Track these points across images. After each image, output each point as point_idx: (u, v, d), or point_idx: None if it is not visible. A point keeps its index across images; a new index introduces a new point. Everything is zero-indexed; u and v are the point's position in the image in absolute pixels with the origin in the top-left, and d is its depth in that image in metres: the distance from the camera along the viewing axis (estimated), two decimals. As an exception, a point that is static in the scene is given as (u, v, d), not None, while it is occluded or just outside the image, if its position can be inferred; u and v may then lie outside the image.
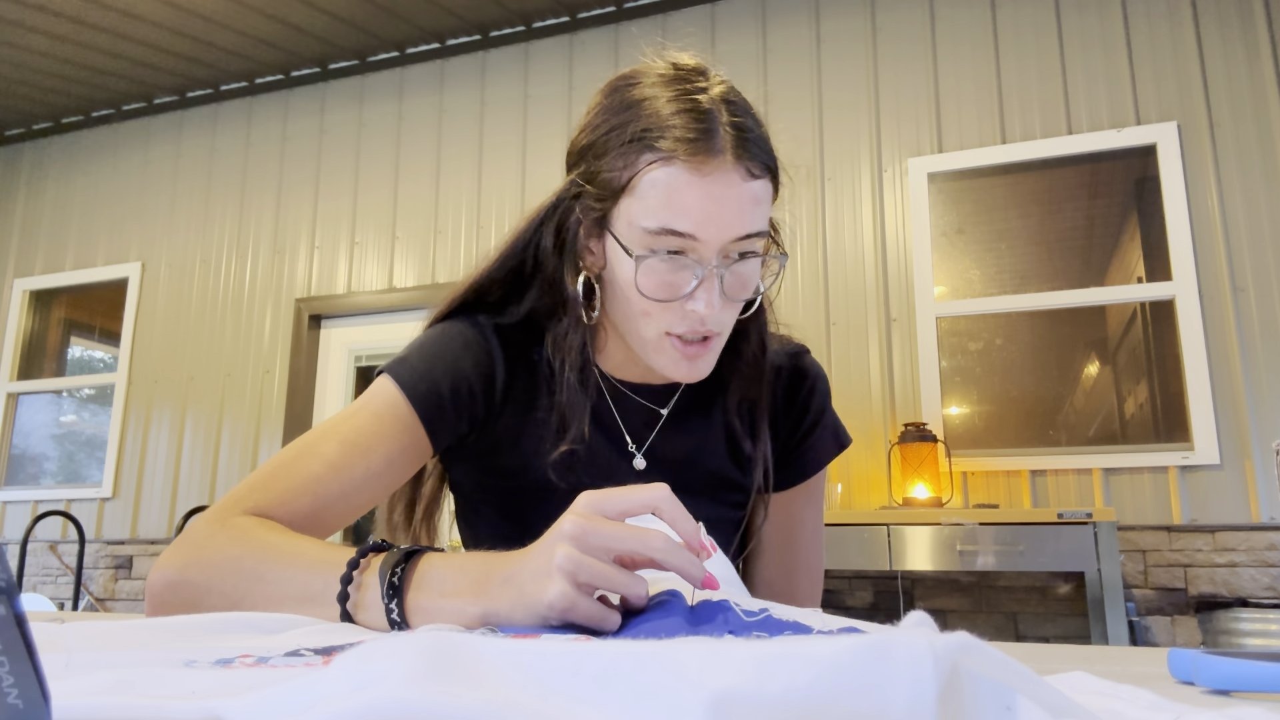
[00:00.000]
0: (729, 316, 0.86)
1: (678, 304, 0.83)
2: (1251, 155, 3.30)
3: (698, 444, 0.98)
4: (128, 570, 4.63)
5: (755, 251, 0.84)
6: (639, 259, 0.82)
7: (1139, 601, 3.09)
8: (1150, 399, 3.36)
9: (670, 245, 0.81)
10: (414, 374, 0.90)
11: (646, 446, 0.96)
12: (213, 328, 4.76)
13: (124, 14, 4.27)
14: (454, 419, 0.90)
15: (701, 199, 0.80)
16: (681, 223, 0.80)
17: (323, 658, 0.43)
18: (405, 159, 4.58)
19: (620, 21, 4.30)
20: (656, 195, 0.81)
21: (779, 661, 0.28)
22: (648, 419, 0.97)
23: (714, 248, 0.81)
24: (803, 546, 1.03)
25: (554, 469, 0.92)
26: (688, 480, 0.95)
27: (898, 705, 0.27)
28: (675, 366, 0.87)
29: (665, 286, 0.83)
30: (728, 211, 0.80)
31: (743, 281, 0.85)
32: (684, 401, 0.98)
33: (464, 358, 0.92)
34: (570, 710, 0.27)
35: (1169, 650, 0.47)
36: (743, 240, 0.82)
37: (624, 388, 0.97)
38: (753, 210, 0.82)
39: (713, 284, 0.82)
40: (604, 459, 0.94)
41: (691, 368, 0.87)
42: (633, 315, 0.87)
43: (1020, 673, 0.31)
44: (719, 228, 0.80)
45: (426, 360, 0.92)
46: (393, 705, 0.25)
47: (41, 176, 5.45)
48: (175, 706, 0.30)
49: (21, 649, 0.26)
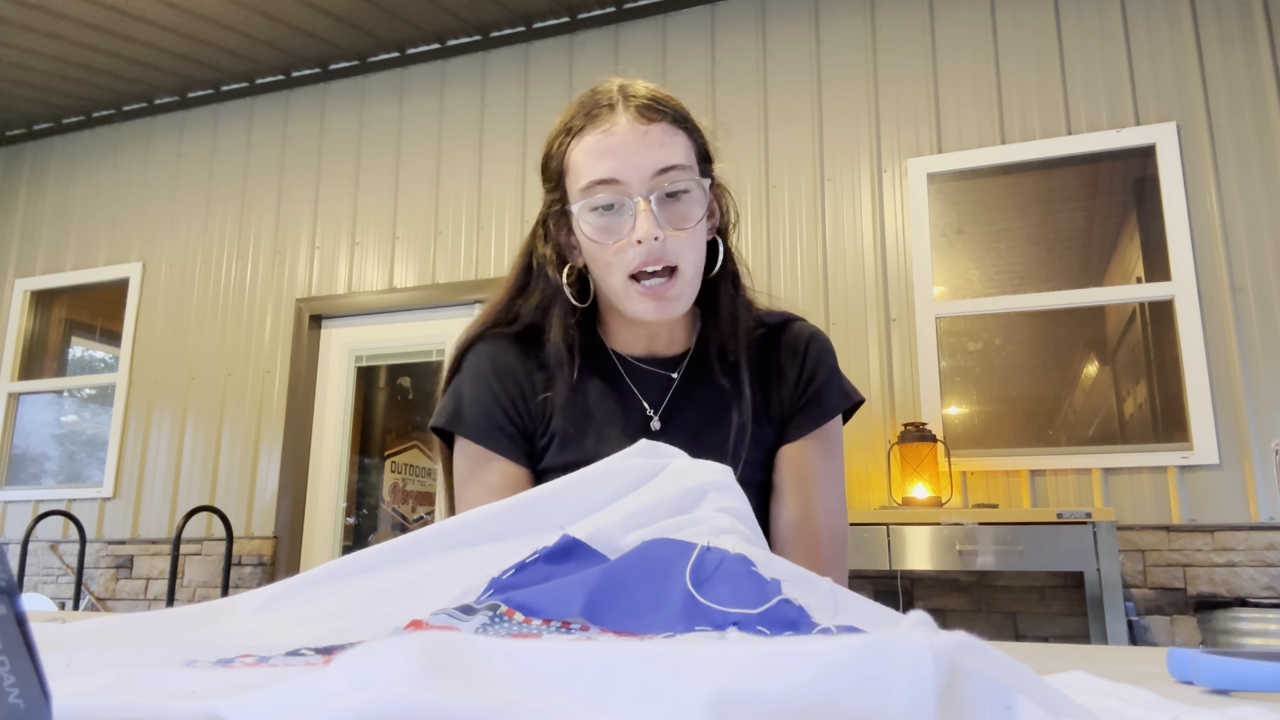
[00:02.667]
0: (683, 250, 0.96)
1: (626, 243, 0.95)
2: (1251, 155, 3.30)
3: (708, 405, 1.05)
4: (128, 570, 4.63)
5: (686, 188, 0.97)
6: (578, 213, 0.98)
7: (1138, 601, 3.09)
8: (1149, 399, 3.36)
9: (601, 196, 0.96)
10: (467, 424, 1.04)
11: (662, 410, 1.05)
12: (213, 328, 4.76)
13: (124, 14, 4.27)
14: (518, 431, 1.04)
15: (611, 148, 0.96)
16: (600, 170, 0.96)
17: (323, 657, 0.43)
18: (406, 159, 4.58)
19: (620, 22, 4.30)
20: (579, 162, 0.98)
21: (778, 661, 0.28)
22: (663, 387, 1.07)
23: (636, 184, 0.95)
24: (820, 494, 1.05)
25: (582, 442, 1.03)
26: (701, 439, 1.02)
27: (898, 705, 0.27)
28: (644, 308, 0.97)
29: (606, 229, 0.96)
30: (635, 151, 0.95)
31: (680, 214, 0.96)
32: (692, 369, 1.08)
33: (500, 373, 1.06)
34: (570, 710, 0.27)
35: (1168, 650, 0.47)
36: (662, 175, 0.95)
37: (636, 361, 1.08)
38: (660, 147, 0.96)
39: (647, 214, 0.94)
40: (627, 426, 1.04)
41: (659, 307, 0.97)
42: (602, 275, 0.99)
43: (1020, 672, 0.31)
44: (633, 166, 0.95)
45: (464, 405, 1.05)
46: (393, 705, 0.25)
47: (42, 177, 5.45)
48: (176, 706, 0.30)
49: (22, 648, 0.26)
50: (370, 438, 4.68)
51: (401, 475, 4.62)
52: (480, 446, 1.03)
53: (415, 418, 4.73)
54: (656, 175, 0.95)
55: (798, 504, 1.04)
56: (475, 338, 1.10)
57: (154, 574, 4.57)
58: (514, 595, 0.52)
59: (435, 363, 4.41)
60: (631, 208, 0.95)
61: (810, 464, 1.06)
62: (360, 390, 4.63)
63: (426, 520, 4.42)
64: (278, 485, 4.42)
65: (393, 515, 4.63)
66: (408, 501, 4.61)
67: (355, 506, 4.63)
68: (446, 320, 4.39)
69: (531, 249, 1.10)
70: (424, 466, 4.57)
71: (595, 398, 1.06)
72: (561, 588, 0.53)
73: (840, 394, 1.09)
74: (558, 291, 1.06)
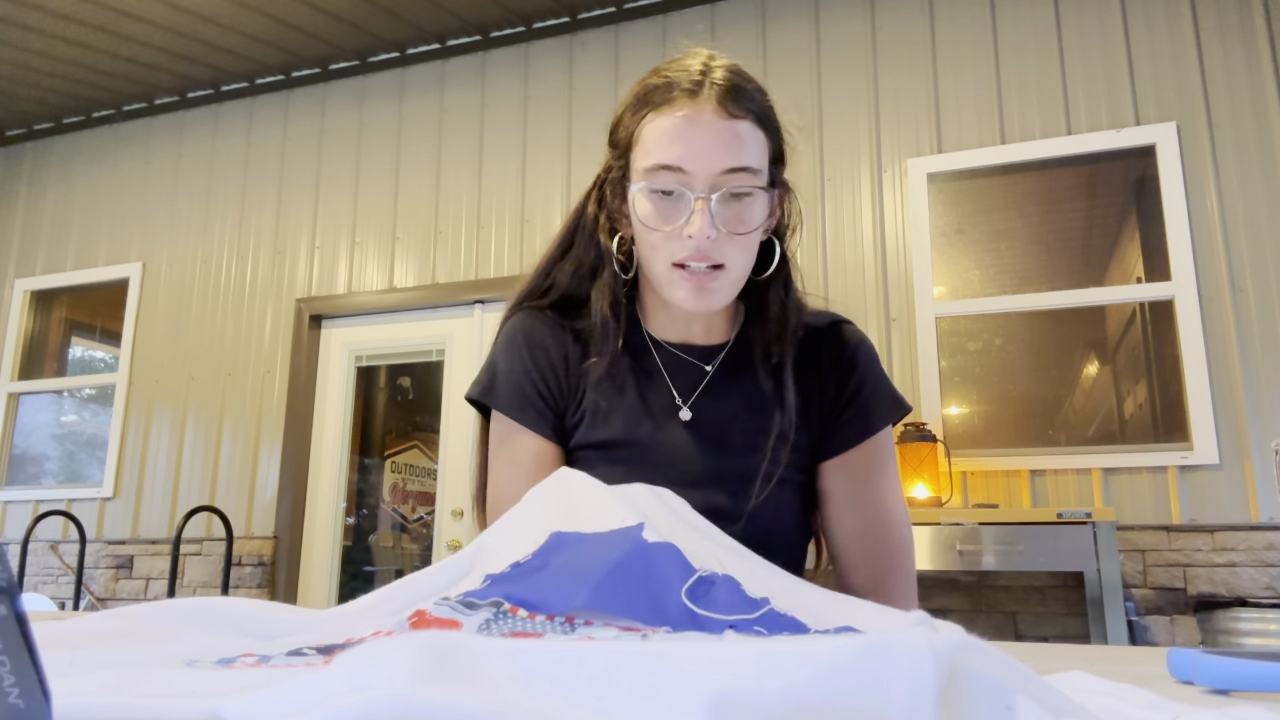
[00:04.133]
0: (734, 251, 0.94)
1: (677, 233, 0.93)
2: (1251, 155, 3.30)
3: (741, 402, 1.03)
4: (128, 570, 4.63)
5: (749, 192, 0.93)
6: (636, 192, 0.95)
7: (1138, 601, 3.09)
8: (1149, 399, 3.36)
9: (663, 180, 0.92)
10: (500, 397, 1.03)
11: (692, 401, 1.03)
12: (213, 328, 4.76)
13: (124, 14, 4.27)
14: (550, 407, 1.03)
15: (685, 135, 0.92)
16: (668, 156, 0.92)
17: (324, 657, 0.43)
18: (406, 159, 4.58)
19: (620, 22, 4.30)
20: (650, 140, 0.94)
21: (778, 661, 0.28)
22: (695, 377, 1.04)
23: (701, 179, 0.91)
24: (877, 505, 1.02)
25: (610, 423, 1.01)
26: (729, 435, 1.01)
27: (897, 704, 0.27)
28: (683, 295, 0.95)
29: (661, 215, 0.93)
30: (708, 145, 0.91)
31: (739, 216, 0.93)
32: (728, 362, 1.05)
33: (533, 346, 1.04)
34: (570, 710, 0.27)
35: (1168, 650, 0.47)
36: (730, 174, 0.92)
37: (671, 348, 1.06)
38: (735, 145, 0.92)
39: (704, 212, 0.91)
40: (655, 412, 1.02)
41: (698, 296, 0.94)
42: (646, 256, 0.97)
43: (1020, 672, 0.31)
44: (703, 160, 0.91)
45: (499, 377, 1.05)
46: (393, 704, 0.25)
47: (42, 177, 5.45)
48: (176, 706, 0.30)
49: (22, 649, 0.26)
50: (370, 438, 4.68)
51: (401, 475, 4.62)
52: (510, 420, 1.02)
53: (415, 418, 4.73)
54: (724, 174, 0.92)
55: (857, 517, 1.02)
56: (514, 309, 1.08)
57: (154, 574, 4.57)
58: (515, 591, 0.52)
59: (435, 363, 4.41)
60: (690, 201, 0.92)
61: (865, 475, 1.03)
62: (360, 390, 4.63)
63: (427, 520, 4.42)
64: (278, 485, 4.42)
65: (393, 515, 4.63)
66: (408, 501, 4.61)
67: (355, 506, 4.63)
68: (446, 320, 4.39)
69: (581, 211, 1.08)
70: (424, 466, 4.57)
71: (626, 377, 1.04)
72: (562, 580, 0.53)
73: (890, 404, 1.06)
74: (604, 258, 1.04)
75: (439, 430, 4.30)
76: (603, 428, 1.02)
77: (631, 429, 1.01)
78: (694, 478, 0.98)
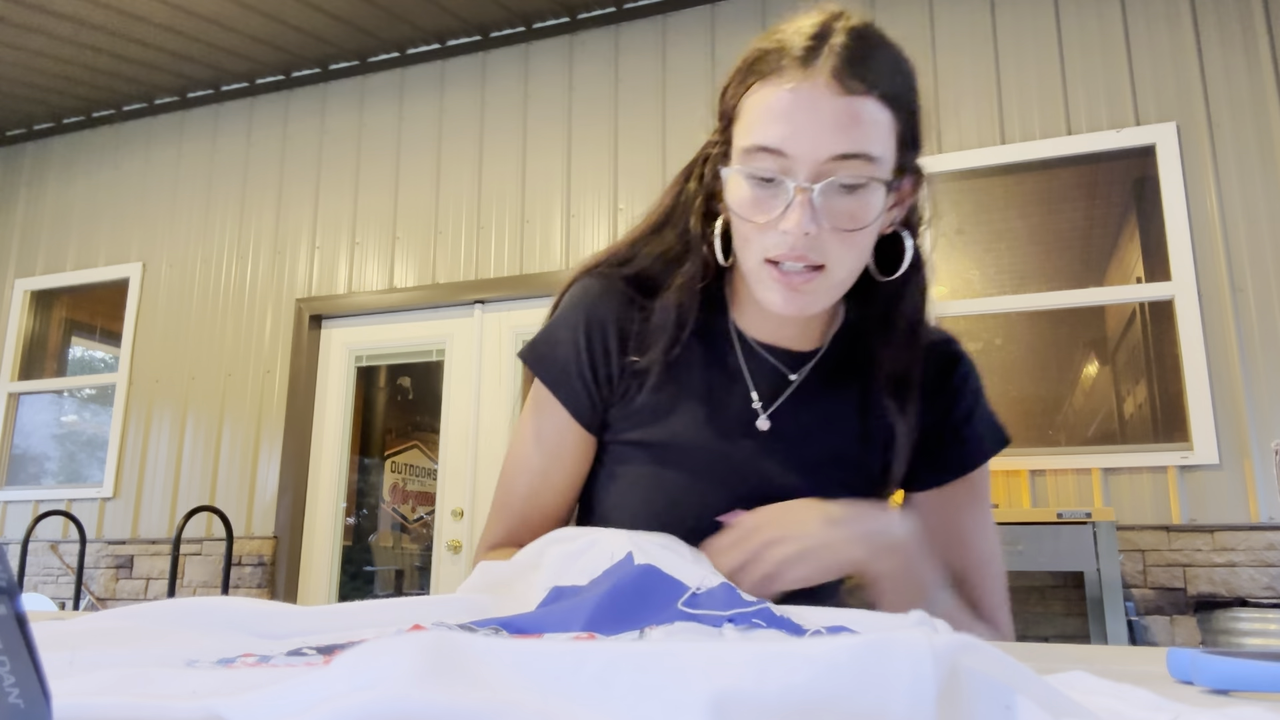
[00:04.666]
0: (839, 250, 0.80)
1: (773, 225, 0.80)
2: (1250, 156, 3.30)
3: (826, 417, 0.92)
4: (129, 570, 4.63)
5: (864, 183, 0.78)
6: (731, 174, 0.82)
7: (1138, 601, 3.09)
8: (1149, 399, 3.36)
9: (763, 164, 0.79)
10: (542, 360, 0.94)
11: (774, 409, 0.91)
12: (213, 328, 4.76)
13: (124, 14, 4.27)
14: (591, 390, 0.93)
15: (789, 113, 0.78)
16: (768, 136, 0.78)
17: (324, 657, 0.43)
18: (406, 159, 4.58)
19: (620, 22, 4.30)
20: (752, 114, 0.81)
21: (779, 661, 0.28)
22: (779, 383, 0.93)
23: (804, 166, 0.77)
24: (974, 546, 0.93)
25: (674, 420, 0.91)
26: (807, 453, 0.91)
27: (897, 704, 0.27)
28: (774, 297, 0.82)
29: (756, 203, 0.80)
30: (816, 126, 0.77)
31: (849, 211, 0.79)
32: (819, 371, 0.93)
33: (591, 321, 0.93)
34: (571, 709, 0.27)
35: (1168, 650, 0.47)
36: (839, 161, 0.77)
37: (758, 346, 0.93)
38: (851, 128, 0.77)
39: (805, 205, 0.77)
40: (727, 416, 0.91)
41: (788, 298, 0.81)
42: (739, 246, 0.85)
43: (1020, 672, 0.31)
44: (807, 144, 0.77)
45: (550, 341, 0.94)
46: (394, 704, 0.25)
47: (43, 177, 5.45)
48: (176, 706, 0.30)
49: (22, 648, 0.26)
50: (370, 438, 4.68)
51: (401, 475, 4.62)
52: (548, 390, 0.93)
53: (415, 418, 4.73)
54: (832, 161, 0.77)
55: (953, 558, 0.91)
56: (588, 270, 0.96)
57: (154, 574, 4.57)
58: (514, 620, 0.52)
59: (435, 363, 4.41)
60: (790, 191, 0.78)
61: (956, 519, 0.93)
62: (360, 390, 4.63)
63: (427, 520, 4.42)
64: (278, 485, 4.42)
65: (393, 515, 4.63)
66: (408, 501, 4.62)
67: (355, 506, 4.64)
68: (446, 320, 4.40)
69: (680, 189, 0.94)
70: (424, 466, 4.57)
71: (697, 370, 0.92)
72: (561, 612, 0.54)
73: (994, 440, 0.96)
74: (694, 244, 0.91)
75: (439, 430, 4.30)
76: (658, 425, 0.91)
77: (694, 432, 0.90)
78: (764, 497, 0.86)
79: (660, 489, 0.90)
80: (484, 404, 4.20)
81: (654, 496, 0.90)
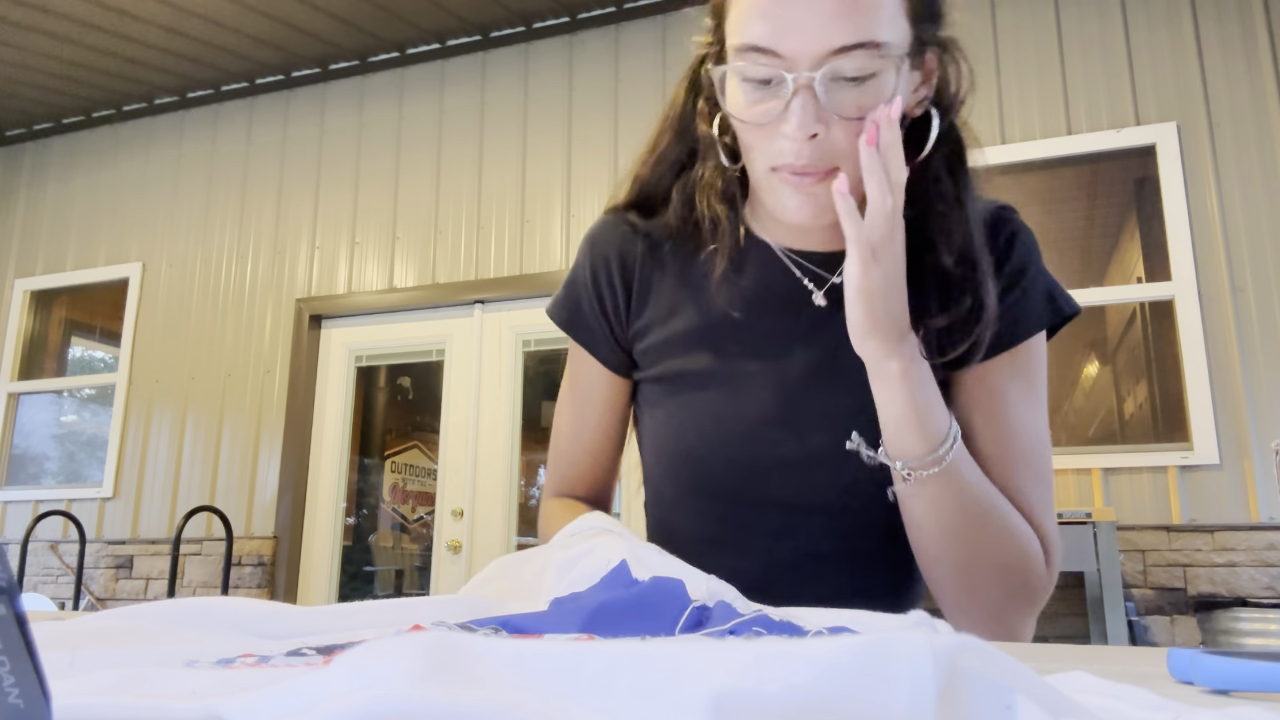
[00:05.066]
0: (852, 147, 0.72)
1: (774, 129, 0.73)
2: (1251, 155, 3.30)
3: None
4: (128, 570, 4.63)
5: (874, 71, 0.70)
6: (723, 76, 0.75)
7: (1138, 601, 3.09)
8: (1150, 399, 3.36)
9: (754, 64, 0.72)
10: (558, 304, 0.95)
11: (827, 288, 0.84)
12: (213, 328, 4.77)
13: (124, 14, 4.27)
14: (603, 326, 0.91)
15: (780, 3, 0.70)
16: (756, 33, 0.71)
17: (324, 657, 0.43)
18: (405, 159, 4.58)
19: (620, 22, 4.30)
20: (739, 10, 0.74)
21: (779, 661, 0.28)
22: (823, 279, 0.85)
23: (803, 59, 0.69)
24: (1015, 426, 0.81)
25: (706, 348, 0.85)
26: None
27: (897, 705, 0.27)
28: (788, 204, 0.75)
29: (753, 106, 0.73)
30: (811, 15, 0.69)
31: (859, 102, 0.71)
32: None
33: (595, 257, 0.92)
34: (571, 709, 0.27)
35: (1168, 650, 0.47)
36: (841, 54, 0.69)
37: (788, 252, 0.86)
38: (850, 13, 0.68)
39: (807, 103, 0.70)
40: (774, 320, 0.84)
41: (802, 202, 0.75)
42: (745, 153, 0.79)
43: (1020, 672, 0.31)
44: (801, 36, 0.69)
45: (564, 289, 0.95)
46: (394, 704, 0.25)
47: (42, 177, 5.45)
48: (176, 706, 0.30)
49: (22, 649, 0.26)
50: (370, 438, 4.68)
51: (401, 475, 4.62)
52: (570, 337, 0.93)
53: (415, 418, 4.73)
54: (834, 54, 0.69)
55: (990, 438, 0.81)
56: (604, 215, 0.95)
57: (154, 574, 4.57)
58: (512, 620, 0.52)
59: (435, 363, 4.41)
60: (790, 87, 0.70)
61: (999, 395, 0.82)
62: (360, 390, 4.63)
63: (427, 520, 4.42)
64: (278, 485, 4.42)
65: (393, 515, 4.63)
66: (408, 501, 4.62)
67: (355, 506, 4.64)
68: (446, 320, 4.40)
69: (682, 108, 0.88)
70: (424, 466, 4.57)
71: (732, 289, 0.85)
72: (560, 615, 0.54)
73: (1045, 305, 0.85)
74: (700, 151, 0.85)
75: (439, 430, 4.30)
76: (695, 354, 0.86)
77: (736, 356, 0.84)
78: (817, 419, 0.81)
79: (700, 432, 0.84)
80: (484, 404, 4.20)
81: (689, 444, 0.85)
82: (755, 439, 0.83)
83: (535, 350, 4.25)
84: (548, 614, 0.55)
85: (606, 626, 0.52)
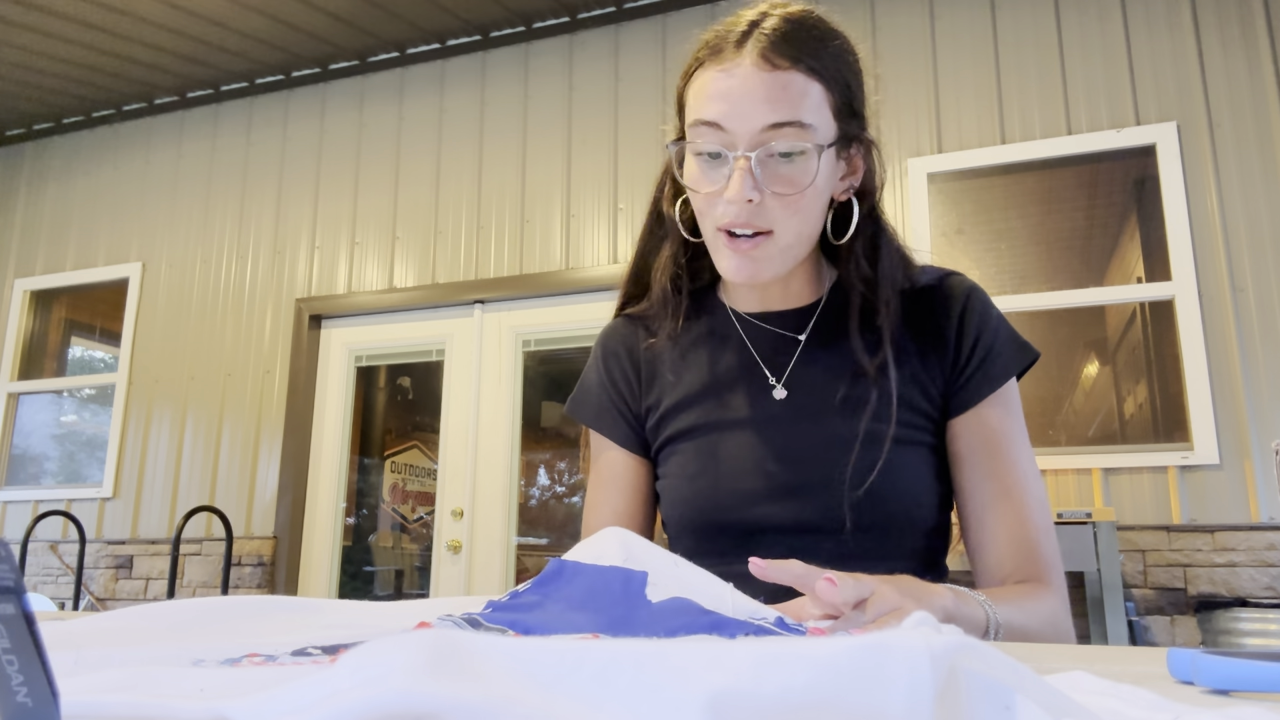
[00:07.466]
0: (783, 215, 0.87)
1: (719, 195, 0.87)
2: (1251, 155, 3.30)
3: (838, 370, 0.96)
4: (128, 570, 4.63)
5: (800, 149, 0.85)
6: (678, 152, 0.91)
7: (1138, 601, 3.10)
8: (1150, 399, 3.36)
9: (706, 140, 0.87)
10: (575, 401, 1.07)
11: (786, 375, 0.98)
12: (213, 328, 4.76)
13: (124, 14, 4.27)
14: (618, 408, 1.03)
15: (724, 91, 0.86)
16: (707, 112, 0.86)
17: (329, 656, 0.44)
18: (405, 159, 4.58)
19: (620, 22, 4.30)
20: (695, 97, 0.90)
21: (777, 662, 0.28)
22: (784, 348, 0.99)
23: (742, 138, 0.85)
24: (1011, 459, 0.93)
25: (698, 408, 0.98)
26: (829, 408, 0.95)
27: (894, 705, 0.27)
28: (727, 264, 0.90)
29: (704, 176, 0.89)
30: (747, 99, 0.84)
31: (787, 177, 0.86)
32: (821, 326, 0.99)
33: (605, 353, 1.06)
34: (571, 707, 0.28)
35: (1168, 650, 0.48)
36: (773, 130, 0.84)
37: (754, 319, 1.01)
38: (778, 99, 0.84)
39: (744, 173, 0.85)
40: (744, 391, 0.98)
41: (740, 263, 0.89)
42: (699, 221, 0.93)
43: (1020, 673, 0.31)
44: (741, 116, 0.85)
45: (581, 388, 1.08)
46: (396, 700, 0.26)
47: (42, 177, 5.45)
48: (182, 705, 0.30)
49: (30, 648, 0.26)
50: (370, 438, 4.68)
51: (401, 475, 4.62)
52: (593, 431, 1.04)
53: (415, 418, 4.73)
54: (766, 130, 0.84)
55: (992, 475, 0.93)
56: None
57: (154, 574, 4.57)
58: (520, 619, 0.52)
59: (435, 363, 4.41)
60: (731, 161, 0.86)
61: (993, 429, 0.94)
62: (360, 390, 4.63)
63: (427, 520, 4.42)
64: (278, 485, 4.42)
65: (393, 515, 4.63)
66: (408, 501, 4.62)
67: (355, 506, 4.64)
68: (446, 320, 4.40)
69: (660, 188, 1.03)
70: (424, 466, 4.57)
71: (711, 358, 1.00)
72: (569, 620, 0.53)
73: (1012, 352, 0.96)
74: (670, 226, 1.00)
75: (439, 430, 4.30)
76: (688, 414, 0.98)
77: (721, 411, 0.97)
78: (798, 454, 0.93)
79: (700, 477, 0.96)
80: (484, 404, 4.20)
81: (695, 488, 0.96)
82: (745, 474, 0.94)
83: (535, 350, 4.25)
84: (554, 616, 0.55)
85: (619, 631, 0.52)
